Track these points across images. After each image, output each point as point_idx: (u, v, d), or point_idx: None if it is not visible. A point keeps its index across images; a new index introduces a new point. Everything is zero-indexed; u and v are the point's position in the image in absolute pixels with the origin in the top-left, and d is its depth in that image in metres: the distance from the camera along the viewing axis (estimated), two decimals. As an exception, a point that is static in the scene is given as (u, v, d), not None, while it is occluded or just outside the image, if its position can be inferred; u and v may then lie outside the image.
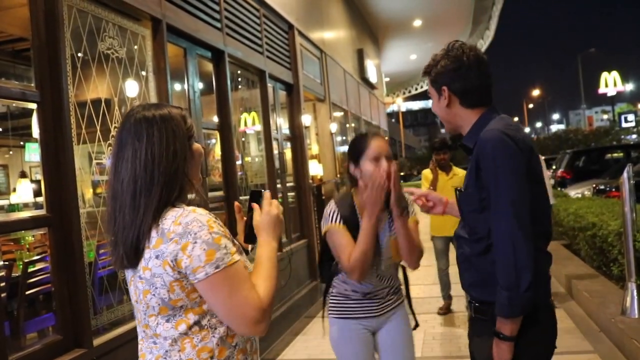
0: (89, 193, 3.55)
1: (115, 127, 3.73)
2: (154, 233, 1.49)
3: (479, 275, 2.07)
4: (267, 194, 1.77)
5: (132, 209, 1.52)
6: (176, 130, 1.57)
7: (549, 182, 13.40)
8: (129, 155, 1.54)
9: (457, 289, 7.33)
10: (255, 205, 1.75)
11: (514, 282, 1.87)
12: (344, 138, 11.80)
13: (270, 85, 7.01)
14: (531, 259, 1.89)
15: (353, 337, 2.70)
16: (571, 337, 4.91)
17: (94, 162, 3.55)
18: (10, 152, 13.52)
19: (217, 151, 5.68)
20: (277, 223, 1.73)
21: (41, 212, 3.10)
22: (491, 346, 1.98)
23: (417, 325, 2.86)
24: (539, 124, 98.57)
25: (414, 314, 2.89)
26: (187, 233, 1.46)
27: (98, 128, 3.56)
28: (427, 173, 5.87)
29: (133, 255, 1.52)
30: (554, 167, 17.33)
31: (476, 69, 2.09)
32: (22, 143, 11.04)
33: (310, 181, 8.40)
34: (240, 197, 5.74)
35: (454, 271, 3.31)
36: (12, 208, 8.40)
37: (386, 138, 2.56)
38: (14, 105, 3.23)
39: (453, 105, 2.11)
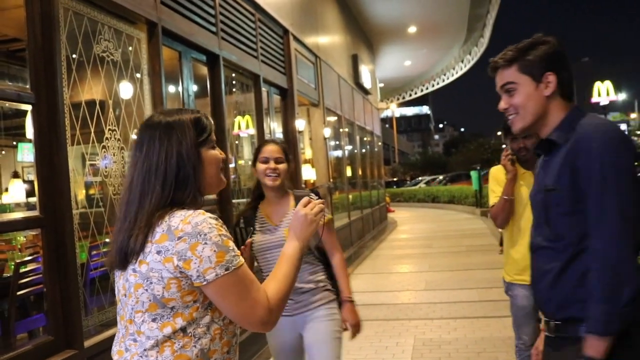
0: (82, 194, 3.56)
1: (109, 129, 3.75)
2: (158, 228, 1.48)
3: (564, 291, 1.88)
4: (305, 198, 1.84)
5: (123, 216, 1.56)
6: (181, 138, 1.56)
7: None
8: (132, 164, 1.59)
9: (440, 296, 7.40)
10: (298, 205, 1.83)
11: (614, 296, 1.72)
12: (338, 143, 11.84)
13: (264, 89, 7.04)
14: (635, 270, 1.73)
15: (273, 334, 2.86)
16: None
17: (88, 163, 3.57)
18: (3, 152, 13.48)
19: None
20: (304, 224, 1.77)
21: (34, 213, 3.11)
22: None
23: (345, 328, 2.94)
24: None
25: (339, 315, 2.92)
26: (197, 233, 1.45)
27: (92, 130, 3.57)
28: (498, 173, 3.61)
29: (121, 258, 1.53)
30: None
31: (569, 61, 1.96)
32: (14, 143, 11.02)
33: (304, 185, 8.41)
34: (233, 200, 5.76)
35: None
36: (3, 208, 8.38)
37: (280, 145, 2.90)
38: (6, 105, 3.24)
39: (553, 95, 1.93)
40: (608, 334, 1.73)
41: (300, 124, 8.41)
